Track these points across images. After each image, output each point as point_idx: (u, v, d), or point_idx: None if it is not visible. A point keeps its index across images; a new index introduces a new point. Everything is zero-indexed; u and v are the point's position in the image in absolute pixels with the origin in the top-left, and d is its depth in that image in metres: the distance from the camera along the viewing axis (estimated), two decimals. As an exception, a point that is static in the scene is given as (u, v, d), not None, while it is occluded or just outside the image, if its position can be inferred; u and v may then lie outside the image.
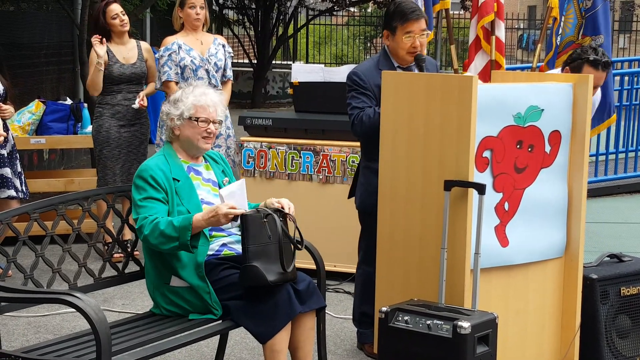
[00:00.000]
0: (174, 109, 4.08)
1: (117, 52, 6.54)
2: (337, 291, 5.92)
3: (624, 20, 26.54)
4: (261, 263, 3.79)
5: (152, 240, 3.83)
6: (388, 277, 4.24)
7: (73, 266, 4.10)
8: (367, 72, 4.56)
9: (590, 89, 4.18)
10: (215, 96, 4.12)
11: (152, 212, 3.88)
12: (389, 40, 4.63)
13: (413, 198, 4.11)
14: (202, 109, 4.05)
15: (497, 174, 4.02)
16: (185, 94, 4.10)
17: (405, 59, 4.61)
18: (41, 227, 3.91)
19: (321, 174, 6.05)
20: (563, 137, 4.19)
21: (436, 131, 4.00)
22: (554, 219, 4.20)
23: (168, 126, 4.11)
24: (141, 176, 3.96)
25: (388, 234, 4.24)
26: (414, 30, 4.54)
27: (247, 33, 18.55)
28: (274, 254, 3.84)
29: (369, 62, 4.75)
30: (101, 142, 6.53)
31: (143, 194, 3.93)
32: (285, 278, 3.84)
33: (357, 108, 4.54)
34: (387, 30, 4.64)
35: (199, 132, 4.05)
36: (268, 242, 3.83)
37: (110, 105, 6.53)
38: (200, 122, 4.05)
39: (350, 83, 4.62)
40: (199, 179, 4.12)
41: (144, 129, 6.68)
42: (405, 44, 4.55)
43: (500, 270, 4.09)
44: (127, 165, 6.58)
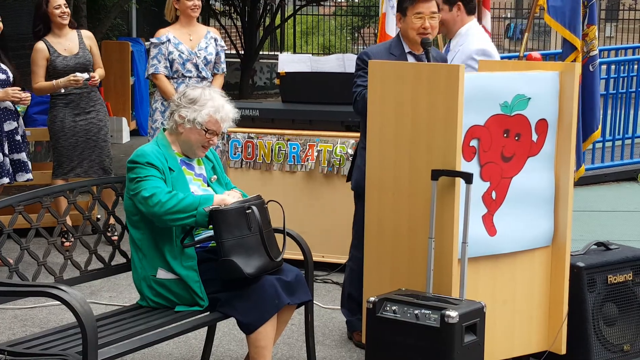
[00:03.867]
0: (188, 110, 4.02)
1: (58, 44, 6.54)
2: (325, 282, 5.92)
3: (610, 9, 26.58)
4: (239, 256, 3.78)
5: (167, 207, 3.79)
6: (376, 267, 4.23)
7: (59, 259, 4.08)
8: (376, 54, 4.64)
9: (577, 78, 4.18)
10: (230, 112, 4.10)
11: (159, 184, 3.86)
12: (401, 23, 4.70)
13: (400, 188, 4.10)
14: (215, 123, 4.04)
15: (484, 163, 4.01)
16: (204, 98, 4.04)
17: (417, 41, 4.64)
18: (26, 220, 3.88)
19: (308, 164, 6.03)
20: (550, 126, 4.18)
21: (423, 120, 3.99)
22: (541, 208, 4.20)
23: (174, 120, 4.06)
24: (137, 161, 3.93)
25: (376, 224, 4.23)
26: (423, 11, 4.59)
27: (234, 24, 18.47)
28: (255, 245, 3.83)
29: (382, 45, 4.88)
30: (56, 132, 6.59)
31: (145, 172, 3.89)
32: (265, 269, 3.84)
33: (361, 86, 4.60)
34: (398, 13, 4.71)
35: (202, 141, 4.05)
36: (248, 234, 3.82)
37: (62, 96, 6.56)
38: (209, 133, 4.04)
39: (358, 62, 4.70)
40: (191, 174, 4.11)
41: (101, 115, 6.70)
42: (415, 25, 4.60)
43: (487, 260, 4.08)
44: (86, 153, 6.62)
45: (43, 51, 6.48)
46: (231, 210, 3.83)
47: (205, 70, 6.39)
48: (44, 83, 6.48)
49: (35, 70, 6.49)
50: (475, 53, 4.90)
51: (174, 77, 6.35)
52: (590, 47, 6.65)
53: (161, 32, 6.42)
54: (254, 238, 3.85)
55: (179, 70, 6.33)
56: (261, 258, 3.85)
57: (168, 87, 6.33)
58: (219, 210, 3.81)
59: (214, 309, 3.94)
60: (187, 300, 3.92)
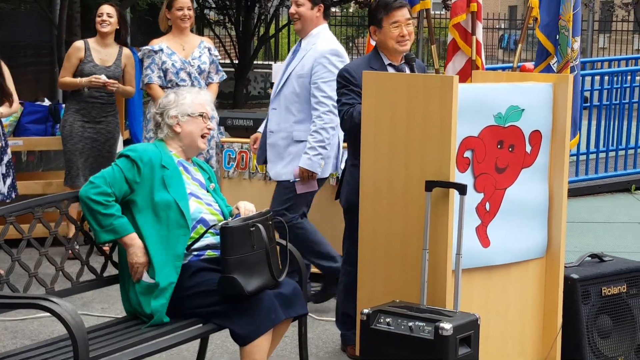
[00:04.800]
0: (174, 108, 4.15)
1: (95, 51, 6.62)
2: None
3: (603, 21, 26.69)
4: (241, 273, 3.79)
5: (87, 202, 3.88)
6: (370, 278, 4.22)
7: (50, 269, 4.05)
8: (357, 70, 4.56)
9: (570, 90, 4.17)
10: (207, 95, 4.32)
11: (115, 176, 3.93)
12: (377, 35, 4.63)
13: (394, 199, 4.09)
14: (202, 105, 4.19)
15: (478, 174, 4.00)
16: (181, 94, 4.21)
17: (396, 50, 4.60)
18: (17, 231, 3.86)
19: (302, 175, 6.00)
20: (543, 137, 4.18)
21: (417, 131, 3.98)
22: (535, 219, 4.19)
23: (167, 124, 4.13)
24: (126, 154, 4.00)
25: (370, 235, 4.21)
26: (399, 19, 4.56)
27: (228, 33, 18.50)
28: (257, 264, 3.83)
29: (360, 60, 4.82)
30: (65, 137, 6.65)
31: (118, 163, 4.00)
32: (266, 286, 3.84)
33: (347, 104, 4.55)
34: (373, 26, 4.64)
35: (201, 128, 4.15)
36: (251, 252, 3.83)
37: (75, 101, 6.65)
38: (204, 117, 4.17)
39: (340, 80, 4.64)
40: (187, 177, 4.12)
41: (110, 127, 6.73)
42: (393, 34, 4.57)
43: (481, 271, 4.07)
44: (90, 161, 6.65)
45: (80, 50, 6.62)
46: (238, 227, 3.84)
47: (199, 79, 6.39)
48: (69, 78, 6.59)
49: (66, 66, 6.66)
50: (328, 53, 5.16)
51: (168, 86, 6.35)
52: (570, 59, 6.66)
53: (154, 42, 6.44)
54: (256, 256, 3.86)
55: (172, 79, 6.33)
56: (262, 276, 3.86)
57: (161, 96, 6.30)
58: (227, 227, 3.83)
59: (207, 321, 3.92)
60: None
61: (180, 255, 3.93)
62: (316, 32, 5.28)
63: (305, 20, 5.26)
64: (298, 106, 5.23)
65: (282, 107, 5.30)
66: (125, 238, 3.90)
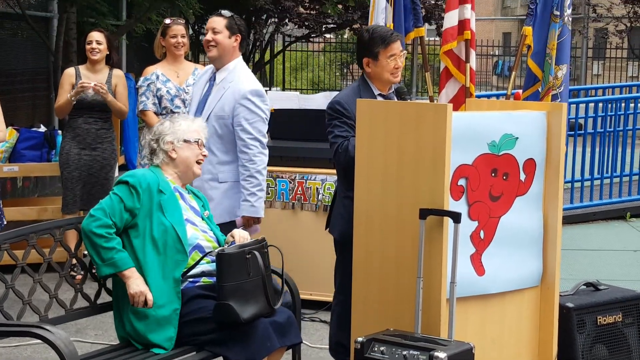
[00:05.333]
0: (170, 134, 4.18)
1: (86, 78, 6.67)
2: (313, 320, 5.88)
3: (597, 48, 26.83)
4: (237, 300, 3.79)
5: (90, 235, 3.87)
6: (364, 306, 4.21)
7: (44, 296, 4.04)
8: (349, 101, 4.54)
9: (564, 118, 4.19)
10: (201, 123, 4.35)
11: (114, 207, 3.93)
12: (371, 67, 4.63)
13: (388, 226, 4.09)
14: (197, 131, 4.23)
15: (472, 202, 4.01)
16: (176, 120, 4.25)
17: (390, 81, 4.64)
18: (11, 258, 3.85)
19: (296, 201, 6.02)
20: (538, 165, 4.19)
21: (411, 159, 3.99)
22: (530, 248, 4.20)
23: (162, 150, 4.17)
24: (125, 180, 4.00)
25: (363, 263, 4.21)
26: (396, 52, 4.59)
27: (224, 59, 18.55)
28: (252, 291, 3.83)
29: (349, 90, 4.74)
30: (62, 164, 6.70)
31: (116, 191, 3.99)
32: (261, 314, 3.84)
33: (341, 137, 4.52)
34: (367, 58, 4.63)
35: (196, 155, 4.19)
36: (247, 279, 3.83)
37: (72, 129, 6.71)
38: (199, 144, 4.21)
39: (332, 112, 4.61)
40: (183, 203, 4.14)
41: (106, 153, 6.75)
42: (389, 66, 4.60)
43: (476, 300, 4.07)
44: (87, 188, 6.69)
45: (70, 76, 6.70)
46: (234, 254, 3.84)
47: (193, 106, 6.40)
48: (61, 101, 6.63)
49: (60, 92, 6.72)
50: (249, 93, 4.90)
51: (163, 113, 6.37)
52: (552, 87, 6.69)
53: (149, 70, 6.48)
54: (252, 283, 3.86)
55: (167, 106, 6.36)
56: (257, 303, 3.85)
57: (156, 123, 6.33)
58: (224, 253, 3.82)
59: (202, 348, 3.91)
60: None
61: (178, 280, 3.93)
62: (233, 66, 5.01)
63: (223, 49, 4.97)
64: (221, 147, 4.94)
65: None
66: (125, 272, 3.90)
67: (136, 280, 3.89)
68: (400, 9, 6.59)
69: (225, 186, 4.95)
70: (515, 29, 34.96)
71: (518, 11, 37.26)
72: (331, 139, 4.59)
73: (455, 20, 6.62)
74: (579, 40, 24.57)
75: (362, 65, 4.68)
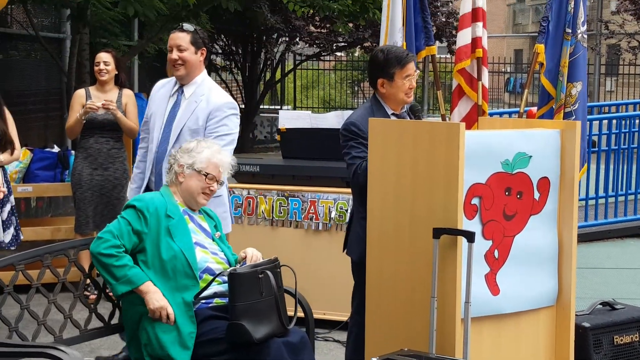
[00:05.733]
0: (186, 157, 4.15)
1: (95, 97, 6.71)
2: (326, 340, 5.85)
3: (610, 64, 26.78)
4: (249, 320, 3.77)
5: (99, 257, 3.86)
6: (378, 326, 4.19)
7: (59, 316, 4.04)
8: (363, 122, 4.51)
9: (578, 137, 4.18)
10: (228, 158, 4.24)
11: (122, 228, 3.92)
12: (385, 88, 4.62)
13: (402, 246, 4.08)
14: (214, 167, 4.14)
15: (486, 221, 3.99)
16: (200, 146, 4.18)
17: (404, 101, 4.65)
18: (26, 278, 3.86)
19: (309, 221, 6.02)
20: (552, 184, 4.17)
21: (424, 179, 3.98)
22: (545, 267, 4.17)
23: (174, 170, 4.14)
24: (132, 204, 4.00)
25: (377, 282, 4.20)
26: (411, 72, 4.60)
27: (235, 78, 18.62)
28: (265, 311, 3.82)
29: (363, 111, 4.70)
30: (74, 185, 6.72)
31: (124, 215, 3.99)
32: (274, 334, 3.82)
33: (359, 158, 4.50)
34: (382, 79, 4.61)
35: (202, 187, 4.12)
36: (260, 299, 3.82)
37: (83, 149, 6.74)
38: (208, 178, 4.11)
39: (347, 133, 4.58)
40: (193, 225, 4.13)
41: (118, 173, 6.76)
42: (404, 86, 4.60)
43: (491, 319, 4.04)
44: (99, 208, 6.70)
45: (80, 97, 6.75)
46: (246, 274, 3.83)
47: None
48: (71, 121, 6.67)
49: (71, 114, 6.76)
50: (225, 106, 4.83)
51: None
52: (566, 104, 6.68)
53: None
54: (265, 303, 3.85)
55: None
56: (270, 323, 3.84)
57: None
58: (235, 273, 3.81)
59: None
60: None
61: (190, 304, 3.91)
62: (200, 80, 4.91)
63: (190, 66, 4.86)
64: None
65: None
66: (141, 287, 3.88)
67: (155, 295, 3.87)
68: (412, 28, 6.60)
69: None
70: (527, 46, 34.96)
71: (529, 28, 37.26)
72: (348, 160, 4.57)
73: (468, 39, 6.64)
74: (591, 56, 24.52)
75: (375, 85, 4.66)
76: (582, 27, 6.58)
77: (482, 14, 6.65)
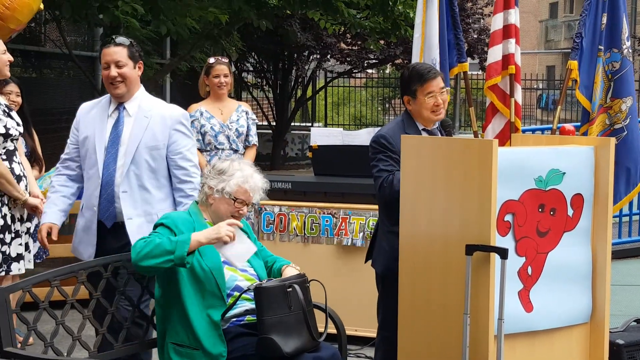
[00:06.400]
0: (216, 180, 4.10)
1: None
2: (358, 356, 5.85)
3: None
4: (278, 334, 3.77)
5: (144, 252, 3.82)
6: (410, 343, 4.18)
7: (93, 331, 4.08)
8: (394, 135, 4.55)
9: (612, 153, 4.15)
10: (260, 182, 4.16)
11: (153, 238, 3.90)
12: (411, 105, 4.65)
13: (434, 262, 4.07)
14: (244, 192, 4.09)
15: (519, 238, 3.98)
16: (232, 168, 4.12)
17: (431, 119, 4.65)
18: (61, 294, 3.90)
19: (340, 237, 6.03)
20: (586, 201, 4.15)
21: (457, 195, 3.97)
22: (579, 284, 4.14)
23: (204, 191, 4.13)
24: (160, 222, 4.00)
25: (409, 299, 4.19)
26: (434, 89, 4.58)
27: (266, 96, 18.72)
28: (294, 325, 3.81)
29: (394, 125, 4.74)
30: None
31: (157, 230, 3.97)
32: (304, 348, 3.81)
33: (386, 171, 4.52)
34: (407, 96, 4.65)
35: (232, 211, 4.08)
36: (288, 313, 3.81)
37: None
38: (238, 202, 4.08)
39: (377, 146, 4.61)
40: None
41: None
42: (428, 104, 4.60)
43: (524, 336, 4.02)
44: None
45: None
46: (274, 287, 3.84)
47: (237, 142, 6.49)
48: None
49: None
50: (182, 117, 4.63)
51: (207, 149, 6.45)
52: (614, 120, 6.65)
53: (193, 107, 6.56)
54: (294, 317, 3.84)
55: (211, 142, 6.44)
56: (300, 337, 3.83)
57: (200, 159, 6.40)
58: (262, 287, 3.82)
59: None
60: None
61: (218, 323, 3.92)
62: (140, 95, 4.64)
63: (130, 82, 4.57)
64: (155, 182, 4.58)
65: (135, 188, 4.54)
66: (192, 240, 3.83)
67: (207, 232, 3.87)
68: (444, 44, 6.61)
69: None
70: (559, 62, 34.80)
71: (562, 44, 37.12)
72: (375, 173, 4.60)
73: (499, 55, 6.64)
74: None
75: (404, 101, 4.71)
76: (627, 42, 6.56)
77: (514, 30, 6.65)
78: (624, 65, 6.55)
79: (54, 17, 9.70)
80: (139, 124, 4.56)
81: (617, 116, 6.58)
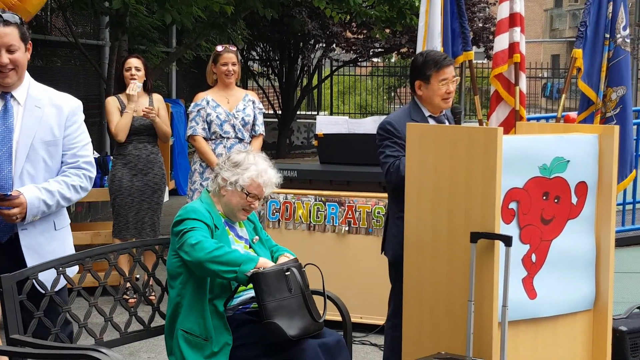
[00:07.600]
0: (230, 173, 4.09)
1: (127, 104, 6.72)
2: (363, 343, 5.87)
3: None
4: (282, 318, 3.78)
5: (214, 254, 3.79)
6: (415, 329, 4.21)
7: (99, 319, 4.10)
8: (400, 122, 4.60)
9: (616, 141, 4.16)
10: (274, 176, 4.14)
11: (206, 234, 3.89)
12: (422, 90, 4.68)
13: (439, 250, 4.09)
14: (257, 187, 4.09)
15: (523, 225, 3.99)
16: (247, 161, 4.11)
17: (440, 106, 4.68)
18: (68, 282, 3.92)
19: (346, 225, 6.05)
20: (589, 188, 4.16)
21: (462, 183, 3.99)
22: (582, 271, 4.16)
23: (217, 182, 4.13)
24: (187, 217, 3.97)
25: (414, 286, 4.21)
26: (448, 76, 4.63)
27: (272, 84, 18.72)
28: (296, 307, 3.83)
29: (401, 112, 4.80)
30: (114, 191, 6.76)
31: (192, 224, 3.93)
32: (308, 331, 3.83)
33: (392, 156, 4.56)
34: (419, 81, 4.68)
35: (244, 204, 4.09)
36: (289, 296, 3.83)
37: (122, 156, 6.75)
38: (250, 197, 4.09)
39: (383, 132, 4.65)
40: (232, 235, 4.15)
41: (157, 178, 6.82)
42: (440, 90, 4.64)
43: (528, 323, 4.04)
44: (141, 214, 6.76)
45: (115, 101, 6.74)
46: (271, 272, 3.85)
47: (242, 131, 6.50)
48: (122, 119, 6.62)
49: (111, 119, 6.68)
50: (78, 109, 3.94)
51: (212, 138, 6.47)
52: (606, 109, 6.66)
53: (200, 96, 6.58)
54: (294, 300, 3.85)
55: (216, 131, 6.45)
56: (303, 320, 3.84)
57: (205, 148, 6.45)
58: (259, 272, 3.83)
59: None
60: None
61: (222, 314, 3.94)
62: (27, 81, 3.88)
63: (22, 68, 3.82)
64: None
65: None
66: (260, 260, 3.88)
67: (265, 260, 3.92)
68: (449, 33, 6.62)
69: (64, 232, 4.03)
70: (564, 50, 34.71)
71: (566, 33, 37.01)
72: (382, 159, 4.63)
73: (505, 44, 6.64)
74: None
75: (414, 88, 4.72)
76: (622, 31, 6.55)
77: (519, 19, 6.65)
78: (616, 54, 6.55)
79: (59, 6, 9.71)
80: (31, 115, 3.82)
81: (607, 105, 6.59)
